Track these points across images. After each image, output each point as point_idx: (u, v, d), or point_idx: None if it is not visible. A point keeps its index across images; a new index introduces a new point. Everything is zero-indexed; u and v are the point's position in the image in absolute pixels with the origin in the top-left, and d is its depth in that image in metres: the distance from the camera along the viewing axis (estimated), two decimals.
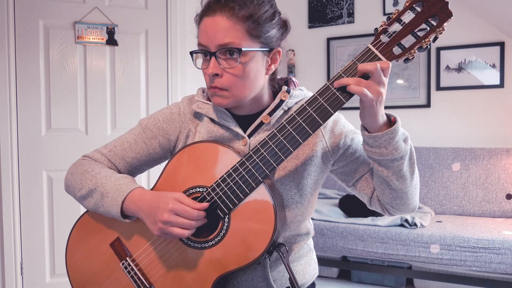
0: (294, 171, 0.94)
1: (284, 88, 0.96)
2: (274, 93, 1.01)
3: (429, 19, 0.77)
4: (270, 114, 0.95)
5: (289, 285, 0.95)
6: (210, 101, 1.00)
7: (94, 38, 2.38)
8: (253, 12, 0.85)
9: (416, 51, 0.79)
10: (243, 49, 0.84)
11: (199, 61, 0.94)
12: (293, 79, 1.02)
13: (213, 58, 0.86)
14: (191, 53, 0.94)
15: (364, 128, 0.85)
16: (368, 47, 0.80)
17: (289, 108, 0.96)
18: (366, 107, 0.79)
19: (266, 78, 0.95)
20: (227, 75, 0.87)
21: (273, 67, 0.94)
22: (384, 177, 0.88)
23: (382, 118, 0.81)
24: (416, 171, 0.91)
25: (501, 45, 3.06)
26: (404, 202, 0.92)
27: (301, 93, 0.98)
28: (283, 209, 0.94)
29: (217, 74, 0.87)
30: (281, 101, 0.95)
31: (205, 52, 0.88)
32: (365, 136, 0.84)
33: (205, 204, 0.85)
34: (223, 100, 0.89)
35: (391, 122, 0.84)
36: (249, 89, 0.90)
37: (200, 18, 0.89)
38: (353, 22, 3.51)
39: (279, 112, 0.94)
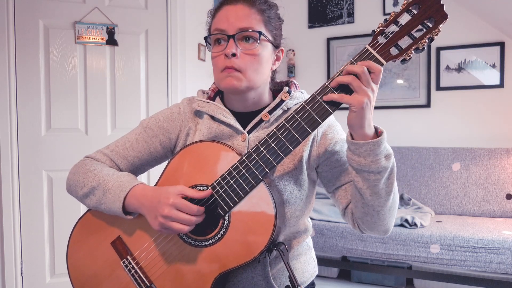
0: (292, 167, 0.95)
1: (286, 88, 0.99)
2: (274, 93, 1.05)
3: (425, 21, 0.79)
4: (270, 112, 0.97)
5: (288, 283, 0.95)
6: (210, 99, 1.04)
7: (94, 38, 2.38)
8: (269, 8, 0.96)
9: (412, 52, 0.81)
10: (263, 32, 0.92)
11: (208, 51, 0.99)
12: (295, 81, 1.05)
13: (231, 39, 0.91)
14: (206, 37, 0.98)
15: (350, 134, 0.85)
16: (365, 47, 0.82)
17: (289, 109, 0.99)
18: (352, 113, 0.79)
19: (269, 74, 1.00)
20: (244, 56, 0.92)
21: (277, 64, 1.01)
22: (359, 188, 0.87)
23: (369, 127, 0.81)
24: (393, 194, 0.88)
25: (501, 45, 3.06)
26: (375, 221, 0.90)
27: (301, 95, 1.02)
28: (283, 204, 0.95)
29: (234, 54, 0.90)
30: (281, 101, 0.98)
31: (219, 39, 0.94)
32: (348, 142, 0.84)
33: (208, 191, 0.87)
34: (237, 81, 0.92)
35: (378, 135, 0.84)
36: (260, 75, 0.95)
37: (219, 8, 0.96)
38: (353, 22, 3.51)
39: (278, 111, 0.97)
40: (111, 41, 2.40)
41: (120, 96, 2.46)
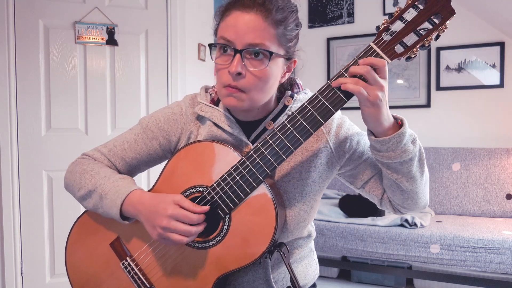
0: (298, 178, 0.92)
1: (288, 93, 0.95)
2: (279, 97, 0.98)
3: (432, 17, 0.76)
4: (274, 119, 0.93)
5: (290, 285, 0.94)
6: (213, 102, 0.99)
7: (94, 38, 2.37)
8: (286, 18, 0.84)
9: (418, 49, 0.78)
10: (274, 52, 0.83)
11: (212, 55, 0.89)
12: (297, 80, 1.00)
13: (238, 55, 0.82)
14: (211, 45, 0.88)
15: (370, 132, 0.83)
16: (370, 45, 0.79)
17: (293, 113, 0.94)
18: (366, 110, 0.77)
19: (276, 88, 0.93)
20: (250, 76, 0.83)
21: (287, 76, 0.93)
22: (394, 179, 0.87)
23: (387, 121, 0.79)
24: (425, 169, 0.90)
25: (501, 45, 3.06)
26: (416, 202, 0.92)
27: (305, 96, 0.96)
28: (286, 217, 0.92)
29: (240, 74, 0.83)
30: (285, 106, 0.94)
31: (225, 47, 0.84)
32: (372, 141, 0.82)
33: (205, 207, 0.85)
34: (238, 102, 0.85)
35: (398, 124, 0.82)
36: (265, 94, 0.88)
37: (228, 10, 0.85)
38: (353, 22, 3.51)
39: (282, 118, 0.93)
40: (111, 41, 2.40)
41: (120, 96, 2.45)
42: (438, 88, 3.25)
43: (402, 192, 0.89)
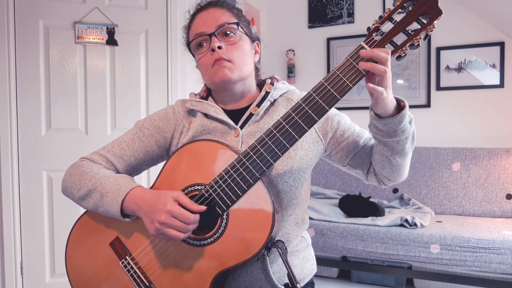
0: (287, 156, 0.98)
1: (268, 81, 1.05)
2: (261, 88, 1.09)
3: (420, 17, 0.79)
4: (258, 106, 1.02)
5: (287, 281, 0.95)
6: (202, 98, 1.08)
7: (94, 38, 2.38)
8: (236, 7, 1.05)
9: (408, 48, 0.81)
10: (239, 23, 1.00)
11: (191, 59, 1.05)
12: (276, 76, 1.11)
13: (213, 37, 0.97)
14: (188, 44, 1.05)
15: (374, 113, 0.88)
16: (361, 45, 0.82)
17: (275, 100, 1.03)
18: (377, 95, 0.81)
19: (253, 66, 1.06)
20: (228, 47, 0.98)
21: (256, 57, 1.08)
22: (387, 155, 0.94)
23: (392, 103, 0.85)
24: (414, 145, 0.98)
25: (501, 45, 3.06)
26: (401, 174, 1.01)
27: (284, 86, 1.07)
28: (279, 194, 0.97)
29: (220, 47, 0.96)
30: (267, 93, 1.03)
31: (200, 43, 1.00)
32: (376, 121, 0.88)
33: (202, 207, 0.87)
34: (229, 71, 0.97)
35: (400, 106, 0.88)
36: (246, 65, 1.00)
37: (192, 17, 1.04)
38: (353, 22, 3.51)
39: (266, 103, 1.02)
40: (111, 41, 2.41)
41: (120, 96, 2.46)
42: (438, 88, 3.25)
43: (392, 166, 0.97)
